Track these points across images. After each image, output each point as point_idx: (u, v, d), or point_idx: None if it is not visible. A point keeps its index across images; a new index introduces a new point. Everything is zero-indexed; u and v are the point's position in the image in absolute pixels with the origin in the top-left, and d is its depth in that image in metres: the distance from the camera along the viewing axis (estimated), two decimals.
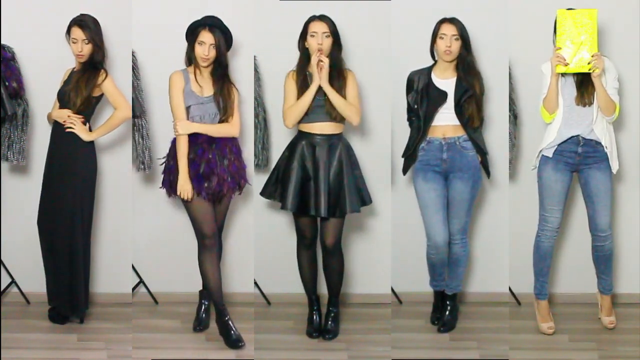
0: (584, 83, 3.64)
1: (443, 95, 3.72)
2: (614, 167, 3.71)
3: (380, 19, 4.01)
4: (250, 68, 4.00)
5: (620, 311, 3.99)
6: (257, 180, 4.01)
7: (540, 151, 3.76)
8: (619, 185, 4.13)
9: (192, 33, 3.58)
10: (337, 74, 3.67)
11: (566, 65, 3.58)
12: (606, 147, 3.68)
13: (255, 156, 4.02)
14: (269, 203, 4.06)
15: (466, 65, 3.72)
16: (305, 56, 3.70)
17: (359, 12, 4.02)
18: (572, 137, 3.69)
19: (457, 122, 3.73)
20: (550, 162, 3.73)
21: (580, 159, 3.70)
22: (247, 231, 4.16)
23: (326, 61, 3.60)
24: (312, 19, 3.67)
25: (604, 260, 3.81)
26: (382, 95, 4.06)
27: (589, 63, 3.56)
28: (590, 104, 3.65)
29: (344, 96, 3.67)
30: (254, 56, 3.99)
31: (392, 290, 4.20)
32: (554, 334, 3.81)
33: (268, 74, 4.04)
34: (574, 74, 3.65)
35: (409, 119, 3.85)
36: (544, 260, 3.82)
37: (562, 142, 3.70)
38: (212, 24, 3.57)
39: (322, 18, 3.66)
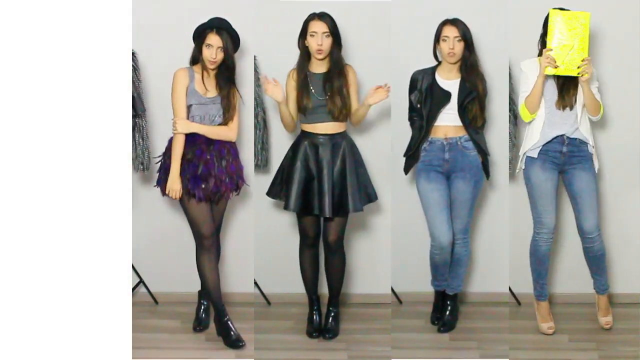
0: (565, 86, 3.63)
1: (447, 95, 3.73)
2: (596, 165, 3.71)
3: (380, 18, 4.01)
4: (250, 68, 4.01)
5: (619, 311, 3.99)
6: (256, 181, 4.01)
7: (525, 153, 3.74)
8: (617, 183, 4.12)
9: (200, 35, 3.57)
10: (338, 73, 3.67)
11: (556, 67, 3.56)
12: (593, 146, 3.68)
13: (255, 156, 4.02)
14: (269, 203, 4.06)
15: (469, 66, 3.72)
16: (305, 55, 3.70)
17: (359, 12, 4.02)
18: (557, 136, 3.68)
19: (459, 123, 3.73)
20: (536, 162, 3.71)
21: (565, 159, 3.69)
22: (247, 231, 4.16)
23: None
24: (312, 17, 3.66)
25: (594, 261, 3.80)
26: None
27: (578, 67, 3.54)
28: (571, 107, 3.64)
29: (346, 94, 3.67)
30: (254, 56, 3.99)
31: (392, 290, 4.20)
32: (553, 334, 3.81)
33: (268, 74, 4.03)
34: (556, 76, 3.63)
35: (410, 119, 3.85)
36: (543, 264, 3.81)
37: (546, 143, 3.69)
38: (220, 26, 3.56)
39: (322, 17, 3.65)
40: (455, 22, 3.71)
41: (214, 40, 3.54)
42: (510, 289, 4.19)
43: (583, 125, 3.67)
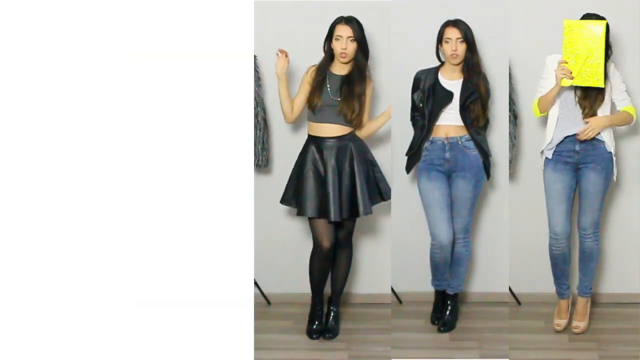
0: (588, 97, 3.62)
1: (449, 95, 3.73)
2: (615, 172, 3.70)
3: (380, 18, 4.00)
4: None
5: (620, 311, 4.00)
6: (256, 181, 4.00)
7: (542, 152, 3.76)
8: (618, 182, 4.12)
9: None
10: (360, 78, 3.68)
11: (571, 79, 3.55)
12: (615, 155, 3.67)
13: (255, 156, 4.02)
14: (269, 203, 4.05)
15: (471, 67, 3.73)
16: (328, 57, 3.72)
17: (359, 12, 4.02)
18: (568, 136, 3.68)
19: (461, 123, 3.74)
20: (550, 163, 3.73)
21: (579, 158, 3.69)
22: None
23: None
24: (339, 21, 3.68)
25: (583, 257, 3.81)
26: (383, 94, 4.06)
27: (597, 79, 3.51)
28: (594, 115, 3.64)
29: (363, 102, 3.70)
30: (254, 56, 3.99)
31: (392, 290, 4.21)
32: (559, 332, 3.82)
33: (269, 74, 4.03)
34: (575, 88, 3.62)
35: (412, 118, 3.86)
36: (556, 266, 3.81)
37: (559, 143, 3.70)
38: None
39: (348, 21, 3.66)
40: (457, 23, 3.72)
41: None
42: (510, 289, 4.19)
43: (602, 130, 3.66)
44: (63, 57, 3.88)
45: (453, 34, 3.70)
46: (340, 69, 3.71)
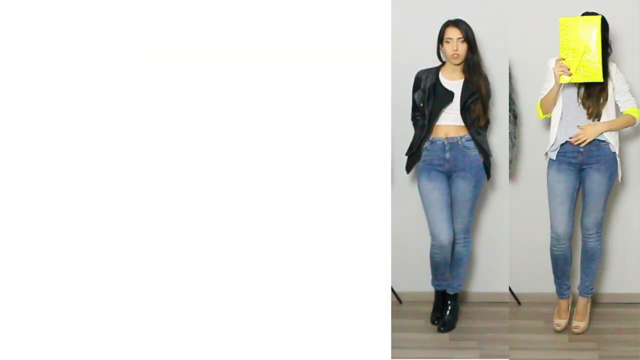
0: (591, 96, 3.62)
1: (450, 95, 3.74)
2: (619, 173, 3.70)
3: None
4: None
5: (620, 311, 4.00)
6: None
7: (547, 154, 3.76)
8: (623, 182, 4.11)
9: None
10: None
11: (570, 75, 3.56)
12: (619, 156, 3.67)
13: None
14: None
15: (472, 67, 3.74)
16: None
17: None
18: (572, 137, 3.69)
19: (461, 123, 3.75)
20: (554, 164, 3.73)
21: (583, 158, 3.69)
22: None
23: None
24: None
25: (585, 257, 3.81)
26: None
27: (595, 74, 3.52)
28: (599, 117, 3.63)
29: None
30: None
31: (393, 290, 4.21)
32: (559, 332, 3.82)
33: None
34: (577, 87, 3.63)
35: (413, 118, 3.86)
36: (557, 266, 3.81)
37: (563, 143, 3.70)
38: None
39: (457, 23, 3.70)
40: (457, 23, 3.72)
41: (452, 33, 3.68)
42: (510, 289, 4.20)
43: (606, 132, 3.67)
44: (63, 57, 3.88)
45: (454, 34, 3.71)
46: None
